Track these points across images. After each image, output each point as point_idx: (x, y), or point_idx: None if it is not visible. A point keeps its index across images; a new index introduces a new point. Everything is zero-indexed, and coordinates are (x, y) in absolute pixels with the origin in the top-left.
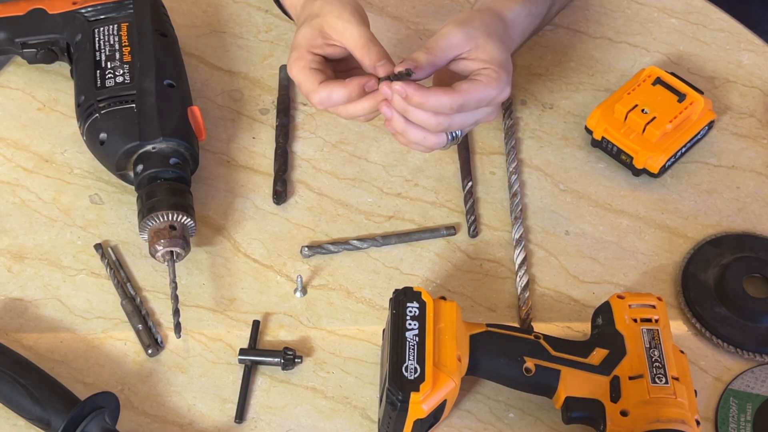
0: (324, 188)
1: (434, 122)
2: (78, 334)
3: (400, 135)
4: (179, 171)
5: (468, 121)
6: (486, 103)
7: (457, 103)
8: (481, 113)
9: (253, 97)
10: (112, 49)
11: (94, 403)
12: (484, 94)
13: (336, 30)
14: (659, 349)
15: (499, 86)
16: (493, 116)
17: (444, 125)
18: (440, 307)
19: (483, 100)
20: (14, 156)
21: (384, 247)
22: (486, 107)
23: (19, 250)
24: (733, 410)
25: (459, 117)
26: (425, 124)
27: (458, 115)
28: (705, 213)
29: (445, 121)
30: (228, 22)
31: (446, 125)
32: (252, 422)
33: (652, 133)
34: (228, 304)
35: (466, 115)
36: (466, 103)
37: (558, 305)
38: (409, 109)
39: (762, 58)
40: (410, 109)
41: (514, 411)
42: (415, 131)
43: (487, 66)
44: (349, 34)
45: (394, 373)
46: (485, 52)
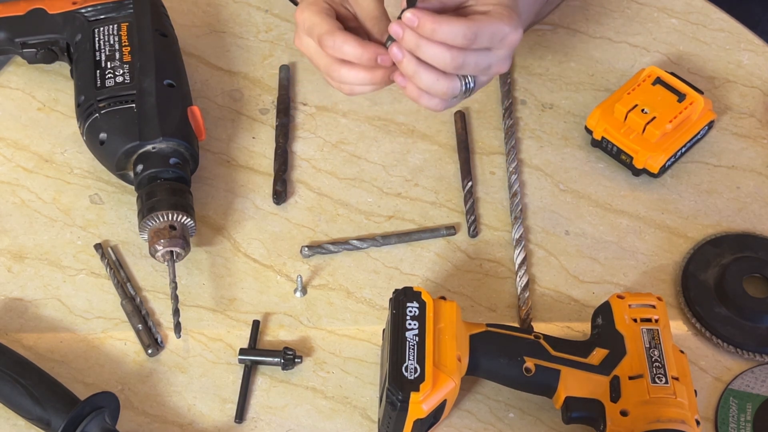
0: (324, 188)
1: (448, 57)
2: (78, 334)
3: (410, 83)
4: (179, 171)
5: (482, 62)
6: (499, 39)
7: (471, 32)
8: (494, 56)
9: (253, 97)
10: (112, 49)
11: (94, 403)
12: (498, 27)
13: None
14: (659, 349)
15: (511, 23)
16: (506, 65)
17: (458, 61)
18: (440, 307)
19: (496, 34)
20: (14, 156)
21: (384, 247)
22: (499, 50)
23: (19, 250)
24: (733, 410)
25: (473, 55)
26: (438, 59)
27: (472, 53)
28: (705, 213)
29: (459, 56)
30: (228, 22)
31: (461, 62)
32: (252, 422)
33: (652, 133)
34: (228, 304)
35: (479, 54)
36: (480, 33)
37: (558, 305)
38: (421, 43)
39: (762, 58)
40: (422, 43)
41: (514, 411)
42: (428, 73)
43: (497, 5)
44: (366, 3)
45: (394, 373)
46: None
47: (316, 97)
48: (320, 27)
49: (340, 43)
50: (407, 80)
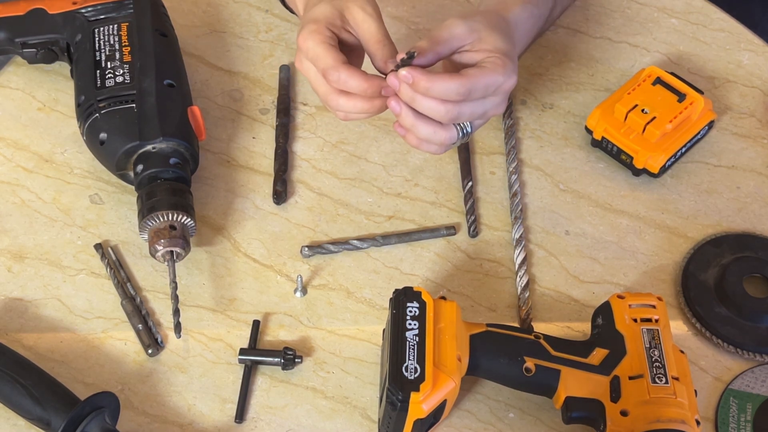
0: (324, 188)
1: (443, 110)
2: (78, 334)
3: (410, 133)
4: (179, 171)
5: (477, 110)
6: (493, 89)
7: (465, 88)
8: (489, 103)
9: (253, 97)
10: (112, 49)
11: (94, 403)
12: (491, 79)
13: (356, 19)
14: (659, 349)
15: (505, 72)
16: (502, 108)
17: (453, 114)
18: (440, 307)
19: (490, 86)
20: (14, 156)
21: (384, 247)
22: (493, 97)
23: (19, 250)
24: (733, 410)
25: (467, 106)
26: (434, 113)
27: (467, 104)
28: (705, 213)
29: (454, 109)
30: (228, 22)
31: (455, 114)
32: (252, 422)
33: (652, 133)
34: (228, 304)
35: (474, 104)
36: (474, 89)
37: (558, 305)
38: (416, 98)
39: (762, 58)
40: (418, 98)
41: (514, 411)
42: (425, 126)
43: (491, 54)
44: (367, 26)
45: (394, 373)
46: (489, 43)
47: (316, 97)
48: (324, 60)
49: (345, 78)
50: (406, 130)
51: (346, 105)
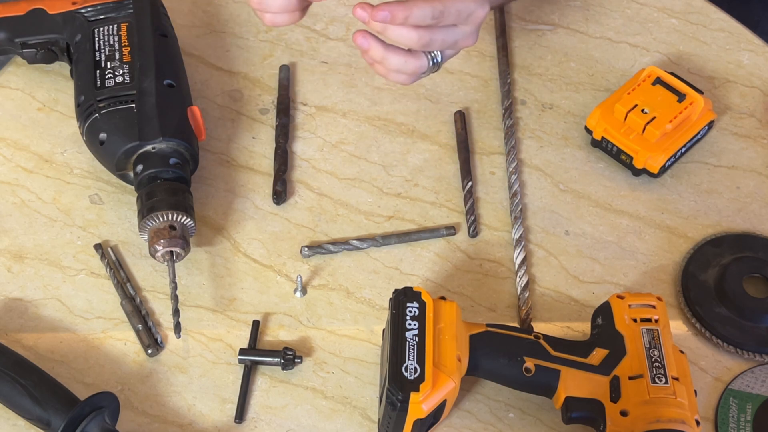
0: (324, 188)
1: (415, 37)
2: (78, 334)
3: (378, 64)
4: (179, 171)
5: (448, 39)
6: (465, 16)
7: (437, 11)
8: (460, 32)
9: (253, 97)
10: (111, 49)
11: (94, 403)
12: (464, 5)
13: None
14: (659, 349)
15: (477, 1)
16: (473, 40)
17: (425, 40)
18: (440, 307)
19: (462, 11)
20: (14, 156)
21: (384, 247)
22: (465, 26)
23: (19, 250)
24: (733, 410)
25: (439, 32)
26: (405, 39)
27: (439, 30)
28: (705, 213)
29: (426, 35)
30: (228, 22)
31: (427, 40)
32: (252, 422)
33: (652, 133)
34: (228, 304)
35: (446, 30)
36: (447, 12)
37: (558, 305)
38: (387, 29)
39: (762, 58)
40: (388, 29)
41: (514, 411)
42: (395, 56)
43: None
44: None
45: (394, 373)
46: None
47: (316, 97)
48: None
49: None
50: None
51: (267, 2)
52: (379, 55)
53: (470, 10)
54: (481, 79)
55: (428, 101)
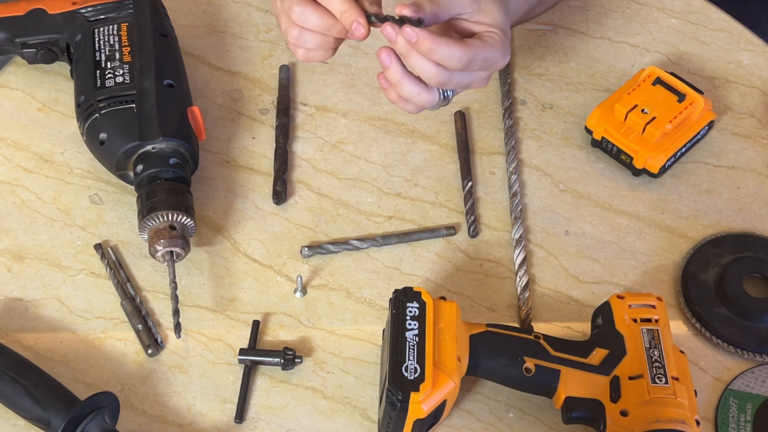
0: (324, 188)
1: (434, 73)
2: (78, 334)
3: (392, 88)
4: (179, 171)
5: (465, 81)
6: (489, 65)
7: (467, 57)
8: (477, 76)
9: (253, 97)
10: (112, 49)
11: (94, 403)
12: (491, 54)
13: None
14: (659, 349)
15: (502, 50)
16: (485, 83)
17: (443, 78)
18: (440, 307)
19: (489, 60)
20: (14, 156)
21: (384, 247)
22: (484, 72)
23: (19, 250)
24: (733, 410)
25: (460, 75)
26: (424, 73)
27: (459, 73)
28: (705, 213)
29: (445, 75)
30: (228, 22)
31: (445, 79)
32: (252, 422)
33: (652, 133)
34: (228, 304)
35: (466, 74)
36: (475, 59)
37: (558, 305)
38: (412, 55)
39: (762, 58)
40: (414, 55)
41: (514, 411)
42: (411, 85)
43: (490, 30)
44: None
45: (394, 373)
46: (488, 16)
47: (316, 97)
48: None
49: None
50: (390, 84)
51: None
52: (396, 77)
53: (495, 60)
54: None
55: None
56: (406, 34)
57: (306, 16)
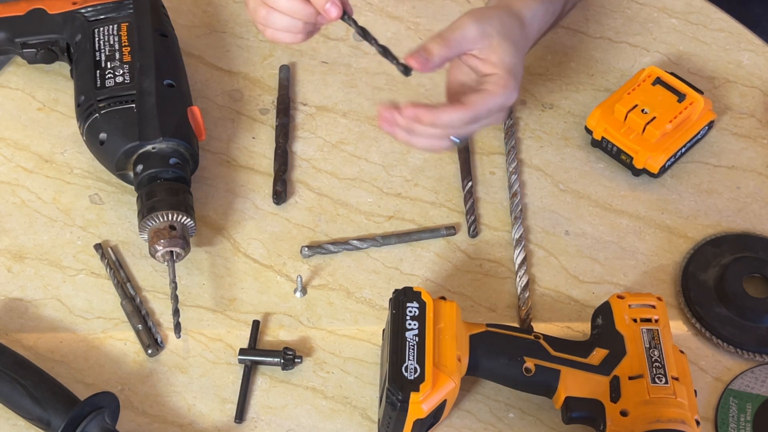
0: (324, 188)
1: (440, 133)
2: (78, 334)
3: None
4: (179, 171)
5: (476, 128)
6: (496, 111)
7: (468, 117)
8: (488, 120)
9: (253, 97)
10: (112, 49)
11: (94, 403)
12: (493, 103)
13: None
14: (659, 349)
15: (506, 93)
16: (501, 119)
17: (449, 134)
18: (440, 307)
19: (493, 109)
20: (14, 156)
21: (384, 247)
22: (495, 115)
23: (19, 250)
24: (733, 410)
25: (468, 127)
26: (434, 134)
27: (467, 126)
28: (705, 213)
29: (452, 131)
30: (228, 22)
31: (452, 134)
32: (252, 422)
33: (652, 133)
34: (228, 304)
35: (474, 125)
36: (478, 116)
37: (558, 305)
38: (417, 127)
39: (762, 58)
40: (418, 128)
41: (514, 411)
42: (421, 141)
43: (495, 72)
44: None
45: (394, 373)
46: (497, 55)
47: (316, 97)
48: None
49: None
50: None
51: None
52: (404, 138)
53: (499, 105)
54: None
55: (428, 101)
56: (406, 115)
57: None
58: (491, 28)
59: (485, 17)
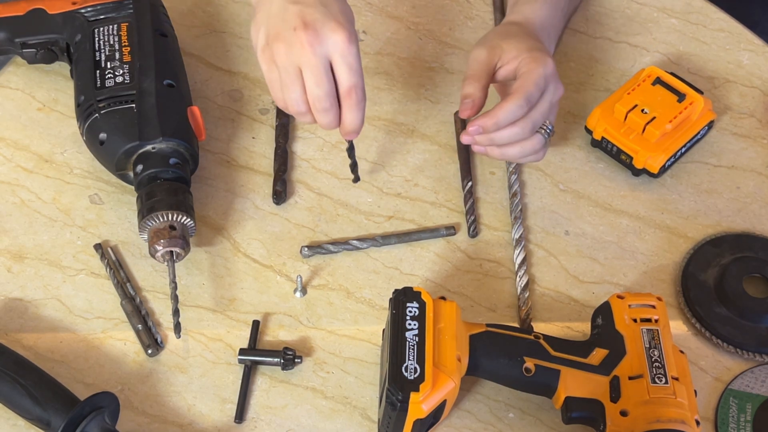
0: (324, 188)
1: (519, 130)
2: (78, 334)
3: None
4: (179, 171)
5: (545, 108)
6: (543, 83)
7: (522, 100)
8: (548, 95)
9: (253, 97)
10: (111, 49)
11: (94, 403)
12: (535, 76)
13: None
14: (659, 349)
15: (540, 63)
16: (561, 90)
17: (529, 126)
18: (440, 307)
19: (539, 82)
20: (14, 156)
21: (384, 247)
22: (549, 87)
23: (19, 250)
24: (733, 410)
25: (536, 111)
26: (514, 136)
27: (535, 111)
28: (705, 213)
29: (528, 122)
30: (228, 22)
31: (531, 125)
32: (252, 422)
33: (652, 133)
34: (228, 304)
35: (539, 105)
36: (530, 95)
37: (558, 305)
38: (490, 137)
39: (762, 58)
40: (491, 136)
41: (514, 411)
42: (510, 149)
43: (519, 58)
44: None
45: (394, 373)
46: (512, 51)
47: None
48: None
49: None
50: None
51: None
52: (498, 153)
53: (541, 75)
54: None
55: (428, 101)
56: (473, 132)
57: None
58: (492, 41)
59: (483, 39)
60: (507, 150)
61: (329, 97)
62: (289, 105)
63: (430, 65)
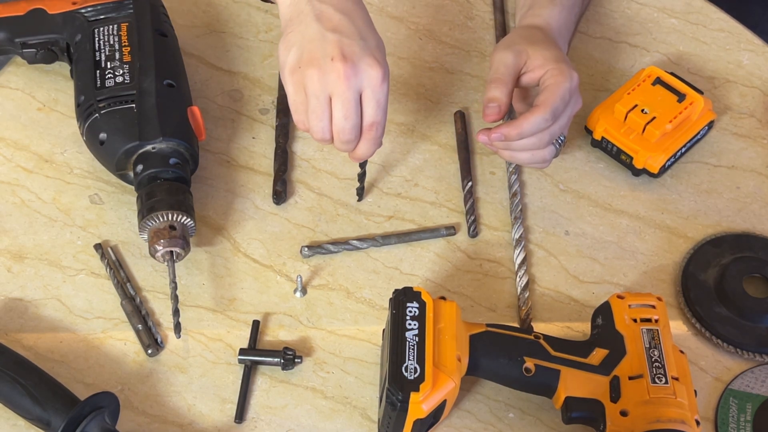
0: (324, 188)
1: (537, 141)
2: (78, 334)
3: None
4: (179, 171)
5: (564, 122)
6: (568, 96)
7: (548, 114)
8: (570, 109)
9: (253, 97)
10: (111, 49)
11: (94, 403)
12: (562, 91)
13: None
14: (659, 349)
15: (566, 76)
16: (580, 103)
17: (546, 139)
18: (440, 307)
19: (564, 96)
20: (14, 156)
21: (384, 247)
22: (571, 100)
23: (19, 250)
24: (733, 410)
25: (555, 125)
26: (530, 145)
27: (554, 124)
28: (705, 213)
29: (546, 135)
30: (228, 22)
31: (549, 138)
32: (252, 422)
33: (652, 133)
34: (228, 304)
35: (559, 119)
36: (555, 109)
37: (558, 305)
38: (511, 145)
39: (762, 58)
40: (512, 145)
41: (514, 411)
42: (521, 154)
43: (545, 68)
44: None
45: (394, 373)
46: (538, 58)
47: None
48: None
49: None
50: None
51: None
52: (508, 156)
53: (566, 89)
54: (481, 79)
55: (428, 101)
56: (495, 139)
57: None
58: (519, 45)
59: (507, 41)
60: (518, 155)
61: (354, 130)
62: (313, 131)
63: (430, 65)
